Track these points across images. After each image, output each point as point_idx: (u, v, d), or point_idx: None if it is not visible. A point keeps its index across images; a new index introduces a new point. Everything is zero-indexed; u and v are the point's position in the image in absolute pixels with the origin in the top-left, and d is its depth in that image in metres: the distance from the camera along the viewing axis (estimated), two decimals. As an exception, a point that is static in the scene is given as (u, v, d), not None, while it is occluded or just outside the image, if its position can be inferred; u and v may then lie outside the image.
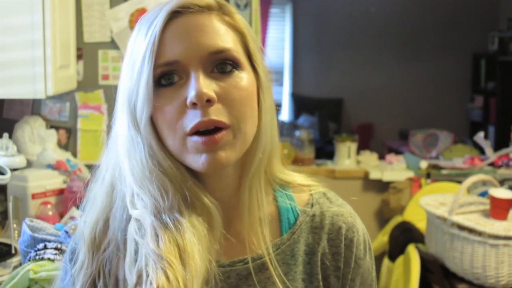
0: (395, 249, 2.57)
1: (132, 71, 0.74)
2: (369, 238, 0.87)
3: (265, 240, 0.79)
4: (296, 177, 0.87)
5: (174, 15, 0.73)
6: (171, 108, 0.72)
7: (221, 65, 0.73)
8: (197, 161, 0.72)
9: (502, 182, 2.88)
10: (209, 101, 0.70)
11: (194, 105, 0.70)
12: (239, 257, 0.80)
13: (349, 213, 0.86)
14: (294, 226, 0.83)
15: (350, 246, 0.83)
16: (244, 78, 0.74)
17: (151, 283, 0.68)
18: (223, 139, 0.71)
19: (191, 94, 0.70)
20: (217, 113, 0.71)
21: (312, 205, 0.85)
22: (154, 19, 0.73)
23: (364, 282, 0.85)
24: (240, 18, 0.77)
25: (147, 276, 0.69)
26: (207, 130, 0.71)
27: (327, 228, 0.83)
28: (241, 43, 0.76)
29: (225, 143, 0.71)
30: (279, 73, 6.50)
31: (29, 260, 1.32)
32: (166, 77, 0.72)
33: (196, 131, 0.71)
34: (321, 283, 0.82)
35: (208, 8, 0.75)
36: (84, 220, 0.80)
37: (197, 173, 0.76)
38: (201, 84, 0.70)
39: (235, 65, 0.74)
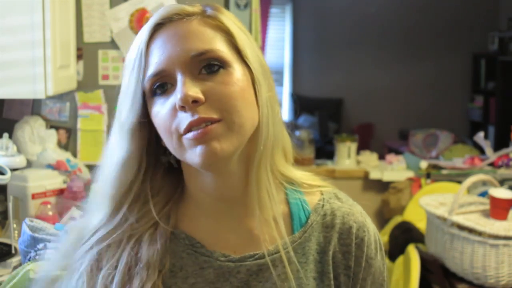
0: (395, 249, 2.57)
1: (125, 83, 0.79)
2: (380, 238, 0.88)
3: (281, 234, 0.79)
4: (299, 174, 0.88)
5: (158, 27, 0.77)
6: (165, 113, 0.75)
7: (207, 66, 0.75)
8: (194, 155, 0.74)
9: (502, 182, 2.87)
10: (196, 102, 0.72)
11: (182, 107, 0.73)
12: (250, 253, 0.80)
13: (360, 213, 0.86)
14: (306, 225, 0.83)
15: (361, 245, 0.83)
16: (232, 73, 0.76)
17: None
18: (214, 130, 0.73)
19: (177, 98, 0.73)
20: (206, 111, 0.73)
21: (323, 205, 0.86)
22: (141, 34, 0.78)
23: (375, 281, 0.85)
24: (225, 19, 0.79)
25: None
26: (200, 128, 0.73)
27: (338, 227, 0.84)
28: (228, 42, 0.77)
29: (218, 134, 0.73)
30: (279, 73, 6.49)
31: (29, 260, 1.32)
32: (159, 86, 0.76)
33: (189, 130, 0.73)
34: (332, 282, 0.82)
35: (188, 15, 0.77)
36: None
37: (203, 174, 0.78)
38: (186, 87, 0.73)
39: (221, 63, 0.75)
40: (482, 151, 3.28)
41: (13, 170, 1.87)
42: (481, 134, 3.14)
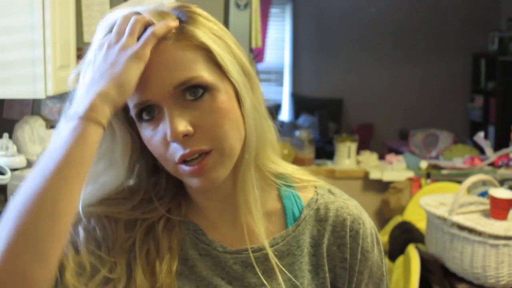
0: (395, 249, 2.57)
1: None
2: (377, 232, 0.88)
3: (266, 233, 0.81)
4: (290, 168, 0.88)
5: None
6: (157, 142, 0.75)
7: (191, 90, 0.74)
8: (191, 183, 0.76)
9: (502, 182, 2.88)
10: (186, 135, 0.73)
11: (173, 141, 0.73)
12: (245, 246, 0.82)
13: (355, 206, 0.87)
14: (299, 219, 0.85)
15: (356, 237, 0.84)
16: (216, 97, 0.74)
17: None
18: (209, 163, 0.74)
19: (167, 133, 0.72)
20: (197, 143, 0.73)
21: (317, 200, 0.87)
22: None
23: (373, 276, 0.85)
24: (202, 34, 0.75)
25: None
26: (193, 159, 0.74)
27: (332, 220, 0.85)
28: (208, 59, 0.75)
29: (213, 165, 0.75)
30: (279, 73, 6.49)
31: (29, 260, 1.32)
32: (145, 112, 0.74)
33: (183, 161, 0.74)
34: (327, 275, 0.83)
35: (173, 37, 0.74)
36: None
37: None
38: (175, 122, 0.72)
39: (205, 88, 0.74)
40: (482, 151, 3.28)
41: (13, 170, 1.87)
42: (481, 134, 3.14)
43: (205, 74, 0.74)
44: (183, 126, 0.72)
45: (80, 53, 2.23)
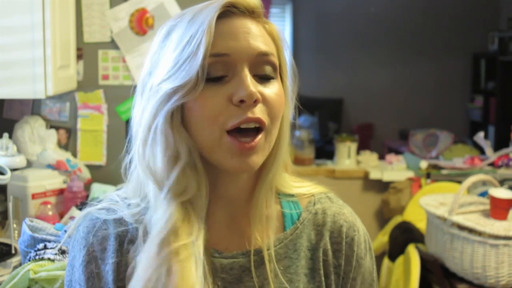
0: (395, 249, 2.57)
1: (180, 53, 0.75)
2: (369, 239, 0.90)
3: (268, 237, 0.82)
4: (296, 189, 0.89)
5: (226, 13, 0.77)
6: (214, 102, 0.74)
7: (262, 70, 0.77)
8: (229, 161, 0.75)
9: (502, 182, 2.87)
10: (256, 101, 0.74)
11: (241, 102, 0.73)
12: (242, 250, 0.82)
13: (350, 213, 0.89)
14: (297, 222, 0.86)
15: (351, 244, 0.85)
16: (278, 86, 0.79)
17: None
18: (258, 143, 0.75)
19: (241, 92, 0.73)
20: (261, 113, 0.75)
21: (314, 204, 0.88)
22: (206, 9, 0.76)
23: (364, 281, 0.87)
24: (279, 30, 0.83)
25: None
26: (246, 128, 0.74)
27: (329, 225, 0.86)
28: (276, 55, 0.81)
29: (259, 148, 0.76)
30: (279, 73, 6.49)
31: (29, 260, 1.32)
32: (213, 71, 0.74)
33: (235, 128, 0.73)
34: (323, 279, 0.84)
35: (257, 15, 0.80)
36: None
37: (220, 171, 0.79)
38: (250, 83, 0.74)
39: (273, 72, 0.79)
40: (482, 151, 3.28)
41: (13, 170, 1.87)
42: (481, 134, 3.14)
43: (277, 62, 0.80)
44: (257, 89, 0.75)
45: (80, 53, 2.23)
